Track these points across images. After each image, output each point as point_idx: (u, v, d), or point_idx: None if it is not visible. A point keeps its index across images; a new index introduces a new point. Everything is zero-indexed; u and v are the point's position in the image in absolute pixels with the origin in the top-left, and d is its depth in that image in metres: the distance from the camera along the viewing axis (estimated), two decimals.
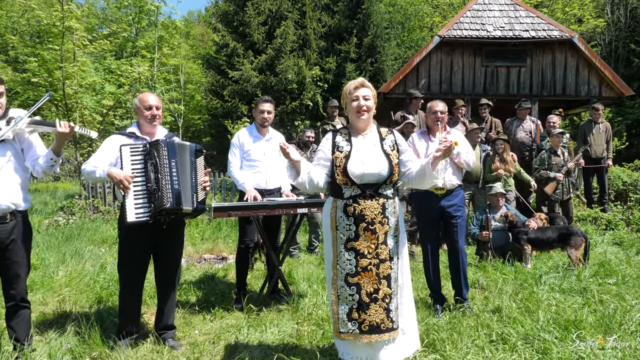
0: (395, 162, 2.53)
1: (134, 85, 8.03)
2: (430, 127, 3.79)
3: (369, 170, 2.46)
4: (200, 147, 3.11)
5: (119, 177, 2.75)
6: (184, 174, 2.94)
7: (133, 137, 2.99)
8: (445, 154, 2.43)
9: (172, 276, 3.13)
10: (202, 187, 3.04)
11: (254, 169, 4.01)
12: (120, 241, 3.01)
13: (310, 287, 4.38)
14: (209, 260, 5.76)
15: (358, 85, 2.54)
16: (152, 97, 3.03)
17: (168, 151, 2.87)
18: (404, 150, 2.61)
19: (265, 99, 3.98)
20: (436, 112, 3.68)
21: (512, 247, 5.23)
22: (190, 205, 2.93)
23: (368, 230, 2.48)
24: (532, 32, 9.32)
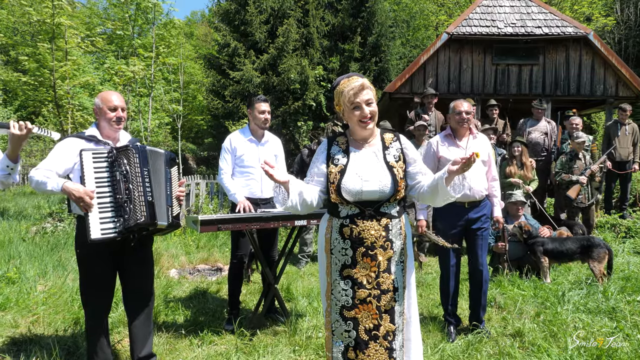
0: (401, 175, 2.13)
1: (128, 85, 7.67)
2: (455, 130, 3.41)
3: (368, 187, 2.08)
4: (174, 156, 2.75)
5: (79, 194, 2.32)
6: (158, 184, 2.58)
7: (93, 141, 2.60)
8: (463, 167, 1.98)
9: (144, 300, 2.75)
10: (177, 200, 2.68)
11: (248, 177, 3.64)
12: (79, 263, 2.63)
13: (310, 305, 4.01)
14: (202, 271, 5.40)
15: (358, 89, 2.08)
16: (116, 97, 2.66)
17: (140, 158, 2.51)
18: (413, 161, 2.19)
19: (262, 98, 3.61)
20: (460, 112, 3.31)
21: (529, 259, 4.83)
22: (165, 219, 2.57)
23: (367, 255, 2.10)
24: (545, 28, 8.90)
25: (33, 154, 13.61)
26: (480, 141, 3.42)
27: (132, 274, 2.69)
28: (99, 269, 2.56)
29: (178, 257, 5.67)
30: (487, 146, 3.43)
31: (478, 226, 3.34)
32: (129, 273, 2.69)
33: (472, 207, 3.32)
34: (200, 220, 3.06)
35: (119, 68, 7.11)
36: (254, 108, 3.59)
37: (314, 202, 2.15)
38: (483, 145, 3.39)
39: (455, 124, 3.39)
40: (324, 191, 2.18)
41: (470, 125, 3.40)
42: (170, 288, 4.40)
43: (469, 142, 3.38)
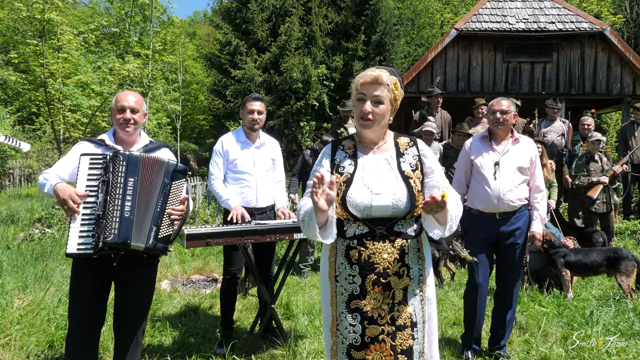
0: (418, 188, 1.77)
1: (124, 83, 7.35)
2: (492, 132, 3.03)
3: (379, 201, 1.72)
4: (184, 168, 2.35)
5: (63, 196, 2.10)
6: (145, 199, 2.22)
7: (102, 146, 2.32)
8: (431, 209, 1.63)
9: (134, 326, 2.40)
10: (170, 220, 2.28)
11: (241, 183, 3.28)
12: (71, 272, 2.32)
13: (311, 324, 3.64)
14: (197, 282, 5.05)
15: (369, 80, 1.74)
16: (129, 97, 2.35)
17: (127, 167, 2.17)
18: (430, 171, 1.82)
19: (254, 96, 3.25)
20: (494, 112, 2.94)
21: (549, 271, 4.44)
22: (142, 241, 2.18)
23: (379, 284, 1.74)
24: (558, 24, 8.50)
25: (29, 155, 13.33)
26: (523, 146, 3.00)
27: (126, 296, 2.35)
28: (88, 286, 2.25)
29: (171, 266, 5.32)
30: (531, 152, 3.00)
31: (511, 241, 2.95)
32: (121, 294, 2.36)
33: (504, 218, 2.94)
34: (186, 234, 2.70)
35: (113, 66, 6.77)
36: (244, 107, 3.23)
37: None
38: (524, 151, 2.98)
39: (490, 125, 3.01)
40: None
41: (511, 127, 3.00)
42: (160, 304, 4.04)
43: (508, 146, 2.98)
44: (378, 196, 1.72)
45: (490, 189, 2.91)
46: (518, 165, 2.94)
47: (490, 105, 3.01)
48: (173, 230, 2.31)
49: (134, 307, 2.37)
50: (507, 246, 2.98)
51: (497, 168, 2.94)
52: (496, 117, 2.92)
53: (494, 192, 2.90)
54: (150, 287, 2.46)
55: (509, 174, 2.93)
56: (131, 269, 2.32)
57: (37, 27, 6.68)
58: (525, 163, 2.97)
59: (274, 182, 3.46)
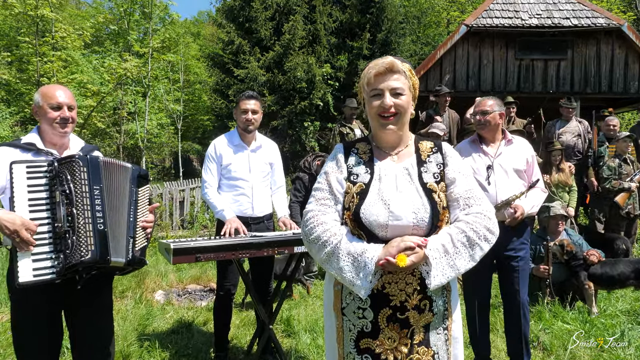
0: (444, 204, 1.47)
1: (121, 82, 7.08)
2: (481, 134, 2.76)
3: (397, 220, 1.42)
4: (146, 173, 2.10)
5: (14, 227, 1.72)
6: (116, 208, 1.94)
7: (32, 151, 1.97)
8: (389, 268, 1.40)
9: (104, 355, 2.11)
10: (143, 230, 2.03)
11: (236, 190, 2.98)
12: (12, 306, 2.00)
13: (314, 342, 3.35)
14: (193, 293, 4.76)
15: (383, 69, 1.46)
16: (60, 92, 2.03)
17: (89, 173, 1.88)
18: (450, 182, 1.51)
19: (247, 94, 2.95)
20: (476, 112, 2.73)
21: (571, 283, 4.10)
22: (123, 256, 1.94)
23: (395, 320, 1.44)
24: (573, 20, 8.14)
25: None
26: (517, 147, 2.78)
27: (82, 325, 2.05)
28: (38, 318, 1.93)
29: (167, 275, 5.03)
30: (526, 153, 2.78)
31: (513, 254, 2.70)
32: (79, 324, 2.06)
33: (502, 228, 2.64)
34: (172, 249, 2.40)
35: (109, 64, 6.51)
36: (238, 106, 2.94)
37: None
38: (519, 152, 2.76)
39: (475, 128, 2.78)
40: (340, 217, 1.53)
41: (498, 128, 2.77)
42: (150, 319, 3.75)
43: (501, 148, 2.75)
44: (396, 213, 1.42)
45: (486, 194, 2.63)
46: (513, 168, 2.72)
47: (475, 105, 2.75)
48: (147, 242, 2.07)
49: (102, 333, 2.07)
50: (508, 260, 2.73)
51: (490, 172, 2.71)
52: (477, 119, 2.70)
53: (489, 198, 2.62)
54: (111, 307, 2.17)
55: (504, 178, 2.71)
56: (98, 289, 2.03)
57: (30, 23, 6.43)
58: (521, 165, 2.74)
59: (273, 188, 3.15)
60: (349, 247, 1.42)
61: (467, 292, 2.88)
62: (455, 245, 1.41)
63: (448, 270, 1.40)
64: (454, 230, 1.43)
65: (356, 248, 1.42)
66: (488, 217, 1.47)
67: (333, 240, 1.44)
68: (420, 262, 1.39)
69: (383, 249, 1.39)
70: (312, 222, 1.49)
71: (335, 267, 1.43)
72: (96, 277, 1.98)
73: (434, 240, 1.41)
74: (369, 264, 1.38)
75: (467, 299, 2.88)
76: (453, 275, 1.41)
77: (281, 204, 3.10)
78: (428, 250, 1.39)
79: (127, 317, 3.70)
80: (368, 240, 1.44)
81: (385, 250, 1.39)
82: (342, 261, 1.42)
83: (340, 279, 1.44)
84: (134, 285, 4.65)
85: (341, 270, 1.42)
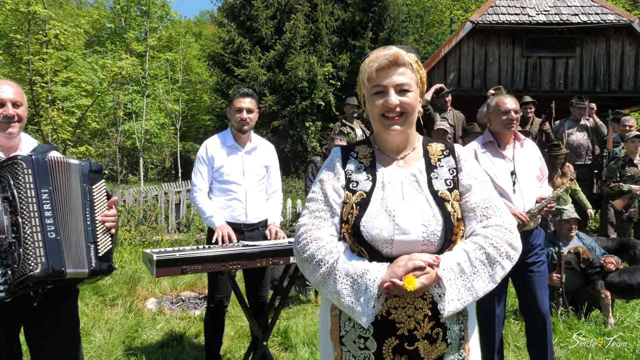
0: (458, 215, 1.26)
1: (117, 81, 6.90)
2: (499, 135, 2.56)
3: (404, 235, 1.21)
4: (99, 167, 1.87)
5: None
6: (69, 212, 1.73)
7: None
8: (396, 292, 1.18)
9: None
10: (105, 231, 1.80)
11: (229, 195, 2.76)
12: None
13: (312, 356, 3.13)
14: (187, 301, 4.55)
15: (385, 62, 1.25)
16: (6, 87, 1.80)
17: (35, 175, 1.66)
18: (465, 189, 1.30)
19: (242, 91, 2.74)
20: (508, 111, 2.48)
21: (586, 292, 3.87)
22: (84, 265, 1.71)
23: (402, 352, 1.23)
24: (582, 16, 7.91)
25: None
26: (529, 149, 2.61)
27: (42, 344, 1.83)
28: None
29: (160, 281, 4.82)
30: (537, 155, 2.63)
31: (532, 260, 2.51)
32: (38, 342, 1.83)
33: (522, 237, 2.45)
34: (156, 260, 2.19)
35: (103, 62, 6.33)
36: (232, 105, 2.72)
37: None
38: (533, 155, 2.60)
39: (500, 127, 2.53)
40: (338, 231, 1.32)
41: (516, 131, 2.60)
42: (139, 330, 3.54)
43: (515, 152, 2.56)
44: (402, 227, 1.21)
45: (512, 205, 2.43)
46: (532, 173, 2.56)
47: (497, 104, 2.55)
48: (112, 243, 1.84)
49: (64, 352, 1.84)
50: (527, 266, 2.52)
51: (515, 179, 2.49)
52: (510, 117, 2.47)
53: (515, 208, 2.42)
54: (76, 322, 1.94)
55: (528, 184, 2.53)
56: (54, 305, 1.81)
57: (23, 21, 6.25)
58: (536, 170, 2.59)
59: (268, 192, 2.94)
60: (347, 267, 1.21)
61: (481, 303, 2.65)
62: (472, 264, 1.20)
63: (465, 293, 1.18)
64: (471, 247, 1.22)
65: (356, 268, 1.20)
66: (510, 230, 1.26)
67: (329, 259, 1.23)
68: (432, 285, 1.18)
69: (387, 268, 1.18)
70: (305, 238, 1.28)
71: (331, 291, 1.22)
72: (55, 290, 1.76)
73: (448, 258, 1.20)
74: (371, 286, 1.17)
75: (481, 311, 2.65)
76: (470, 300, 1.19)
77: (274, 209, 2.89)
78: (441, 270, 1.17)
79: (114, 329, 3.50)
80: (370, 258, 1.23)
81: (390, 271, 1.17)
82: (340, 284, 1.20)
83: (338, 304, 1.23)
84: (125, 292, 4.45)
85: (339, 294, 1.20)
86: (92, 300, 4.31)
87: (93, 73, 10.62)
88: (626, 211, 5.12)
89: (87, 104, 6.96)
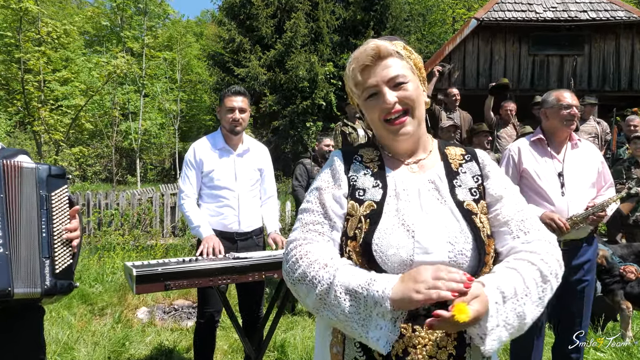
0: (487, 231, 1.04)
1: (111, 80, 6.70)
2: (555, 132, 2.35)
3: (426, 254, 0.99)
4: (61, 170, 1.64)
5: None
6: (22, 223, 1.52)
7: None
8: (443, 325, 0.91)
9: None
10: (65, 244, 1.57)
11: (220, 201, 2.55)
12: None
13: None
14: (180, 310, 4.34)
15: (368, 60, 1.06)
16: None
17: None
18: (495, 200, 1.09)
19: (234, 89, 2.53)
20: (570, 105, 2.28)
21: (602, 302, 3.65)
22: (37, 284, 1.49)
23: None
24: (591, 13, 7.69)
25: None
26: (585, 152, 2.37)
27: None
28: None
29: None
30: (596, 159, 2.38)
31: (578, 277, 2.29)
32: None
33: (570, 248, 2.25)
34: (135, 275, 1.97)
35: (97, 61, 6.13)
36: (222, 104, 2.51)
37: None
38: (589, 158, 2.35)
39: (559, 123, 2.30)
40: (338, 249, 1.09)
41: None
42: (127, 343, 3.33)
43: (567, 152, 2.34)
44: (424, 245, 0.99)
45: (555, 208, 2.20)
46: (585, 177, 2.32)
47: (557, 98, 2.32)
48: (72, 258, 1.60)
49: None
50: (572, 285, 2.30)
51: (562, 180, 2.29)
52: (572, 112, 2.27)
53: (559, 212, 2.20)
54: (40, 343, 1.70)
55: (576, 187, 2.31)
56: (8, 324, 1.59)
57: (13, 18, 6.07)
58: (592, 175, 2.34)
59: (262, 198, 2.72)
60: (348, 281, 0.97)
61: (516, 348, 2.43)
62: (526, 283, 0.97)
63: (513, 319, 0.95)
64: (521, 264, 0.99)
65: (359, 279, 0.96)
66: (554, 245, 1.06)
67: (323, 274, 0.99)
68: (484, 314, 0.92)
69: (400, 282, 0.94)
70: (294, 255, 1.05)
71: (336, 313, 0.97)
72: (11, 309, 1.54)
73: (494, 277, 0.97)
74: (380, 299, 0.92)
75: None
76: (516, 328, 0.96)
77: (271, 216, 2.67)
78: (489, 293, 0.93)
79: (100, 342, 3.28)
80: None
81: (405, 287, 0.92)
82: (343, 301, 0.96)
83: (346, 330, 0.99)
84: (116, 301, 4.24)
85: (345, 315, 0.96)
86: (80, 309, 4.10)
87: (87, 72, 10.47)
88: (632, 215, 4.90)
89: (81, 104, 6.77)
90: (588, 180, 2.32)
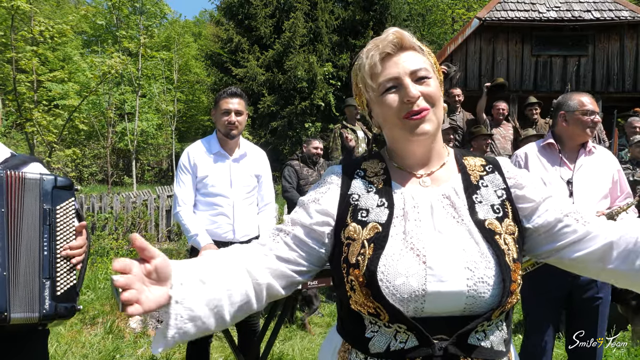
0: (514, 255, 0.88)
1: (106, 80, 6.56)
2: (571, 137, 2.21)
3: (441, 285, 0.84)
4: (67, 182, 1.51)
5: None
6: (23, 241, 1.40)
7: None
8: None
9: None
10: (68, 266, 1.44)
11: (214, 209, 2.41)
12: None
13: None
14: None
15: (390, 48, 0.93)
16: None
17: None
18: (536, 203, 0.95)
19: (230, 91, 2.39)
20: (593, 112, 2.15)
21: (614, 310, 3.52)
22: (35, 308, 1.37)
23: None
24: (595, 12, 7.57)
25: None
26: (599, 159, 2.22)
27: None
28: None
29: None
30: (611, 167, 2.23)
31: (591, 294, 2.14)
32: None
33: None
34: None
35: (91, 60, 5.99)
36: (217, 106, 2.37)
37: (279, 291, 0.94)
38: (603, 166, 2.21)
39: (579, 129, 2.16)
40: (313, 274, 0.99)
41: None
42: (117, 357, 3.18)
43: (579, 160, 2.20)
44: (437, 273, 0.84)
45: None
46: (598, 186, 2.18)
47: (578, 101, 2.19)
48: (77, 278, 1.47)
49: None
50: (585, 301, 2.17)
51: (570, 188, 2.16)
52: (595, 119, 2.14)
53: None
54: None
55: (586, 196, 2.17)
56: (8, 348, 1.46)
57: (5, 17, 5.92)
58: (605, 184, 2.20)
59: (259, 205, 2.58)
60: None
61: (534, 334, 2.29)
62: None
63: None
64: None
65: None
66: None
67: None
68: None
69: None
70: None
71: None
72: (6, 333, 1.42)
73: None
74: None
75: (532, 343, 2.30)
76: None
77: (268, 225, 2.53)
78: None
79: (89, 355, 3.14)
80: (391, 318, 0.85)
81: None
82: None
83: None
84: (108, 309, 4.08)
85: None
86: (71, 319, 3.94)
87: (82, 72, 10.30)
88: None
89: (75, 105, 6.62)
90: (600, 189, 2.18)
